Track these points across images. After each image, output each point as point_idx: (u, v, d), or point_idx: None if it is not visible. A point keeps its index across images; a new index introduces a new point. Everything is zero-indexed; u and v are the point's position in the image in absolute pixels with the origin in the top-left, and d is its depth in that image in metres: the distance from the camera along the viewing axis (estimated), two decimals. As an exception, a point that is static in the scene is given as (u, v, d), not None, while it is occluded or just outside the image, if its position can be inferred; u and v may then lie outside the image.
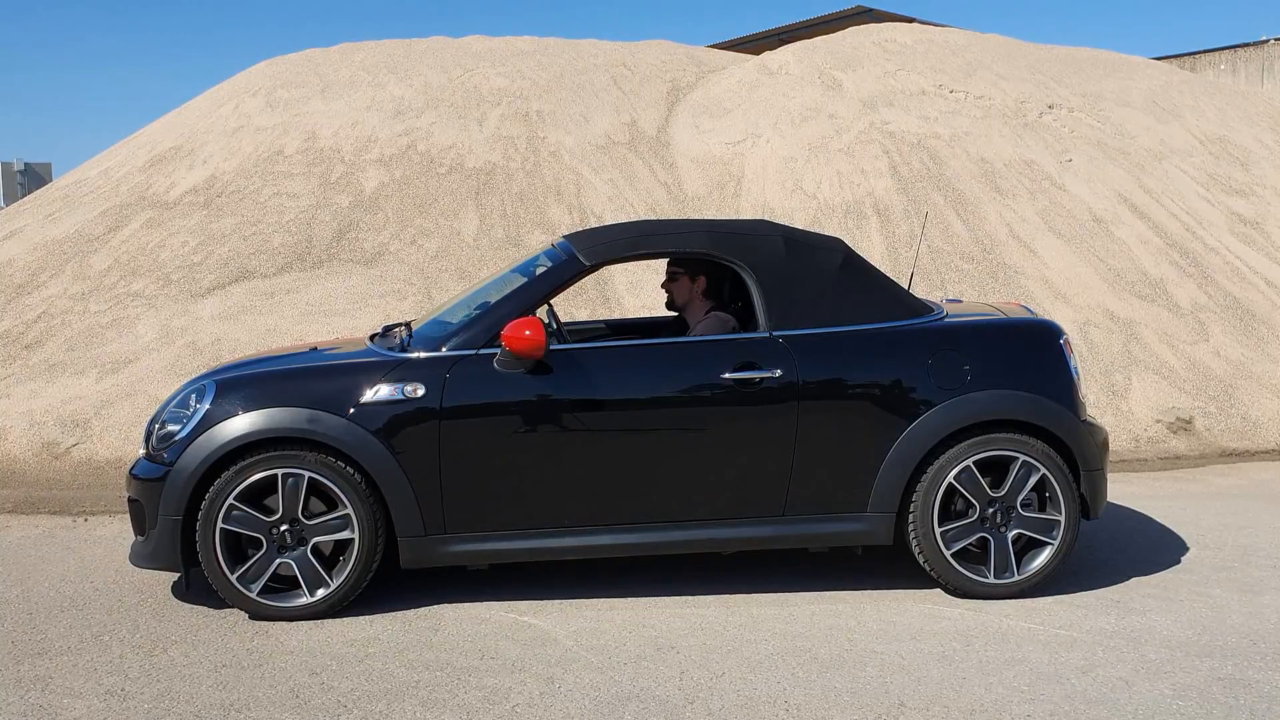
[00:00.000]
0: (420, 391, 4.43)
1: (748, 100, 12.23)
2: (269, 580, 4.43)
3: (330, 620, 4.43)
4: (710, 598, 4.67)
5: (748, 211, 10.44)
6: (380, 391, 4.44)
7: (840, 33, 14.23)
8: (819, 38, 14.04)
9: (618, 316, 8.36)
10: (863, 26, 14.54)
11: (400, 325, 5.27)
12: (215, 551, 4.36)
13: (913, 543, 4.61)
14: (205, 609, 4.59)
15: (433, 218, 10.12)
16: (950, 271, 9.52)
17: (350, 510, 4.40)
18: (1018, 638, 4.18)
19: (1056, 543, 4.61)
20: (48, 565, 5.33)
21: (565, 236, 5.00)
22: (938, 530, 4.57)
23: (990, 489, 4.59)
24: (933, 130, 11.40)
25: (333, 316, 8.70)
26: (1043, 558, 4.62)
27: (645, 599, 4.66)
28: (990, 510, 4.59)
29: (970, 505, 4.60)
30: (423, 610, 4.54)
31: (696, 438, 4.52)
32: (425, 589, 4.78)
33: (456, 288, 8.93)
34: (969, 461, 4.57)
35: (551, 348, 4.51)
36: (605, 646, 4.12)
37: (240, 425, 4.37)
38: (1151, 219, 10.45)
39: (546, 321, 4.91)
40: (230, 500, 4.36)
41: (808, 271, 4.73)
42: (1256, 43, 20.85)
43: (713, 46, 17.31)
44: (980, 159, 11.02)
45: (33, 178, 23.23)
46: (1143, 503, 6.39)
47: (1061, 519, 4.60)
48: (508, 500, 4.49)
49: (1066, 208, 10.44)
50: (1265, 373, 8.68)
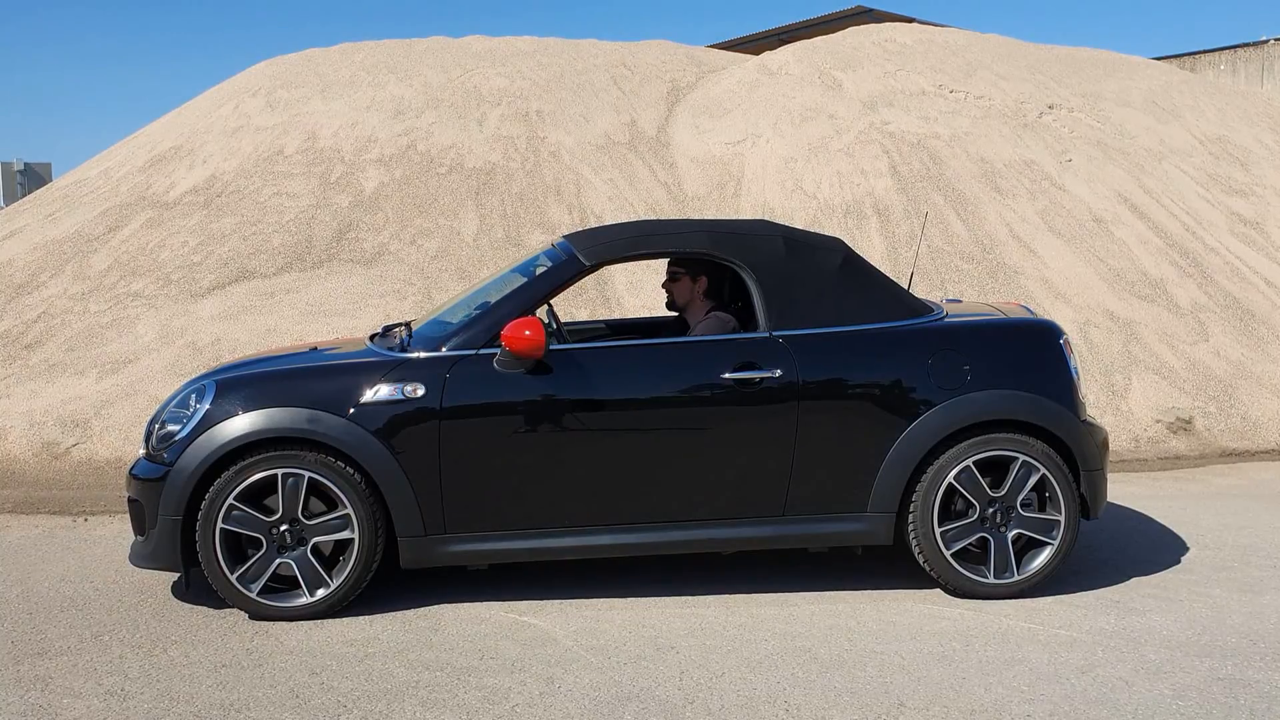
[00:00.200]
0: (420, 391, 4.43)
1: (748, 100, 12.22)
2: (269, 580, 4.43)
3: (330, 620, 4.43)
4: (710, 598, 4.67)
5: (748, 211, 10.44)
6: (380, 391, 4.44)
7: (840, 33, 14.23)
8: (819, 38, 14.04)
9: (618, 316, 8.36)
10: (863, 26, 14.54)
11: (400, 325, 5.27)
12: (215, 551, 4.36)
13: (913, 543, 4.61)
14: (205, 609, 4.59)
15: (433, 218, 10.12)
16: (950, 271, 9.52)
17: (350, 510, 4.40)
18: (1018, 638, 4.18)
19: (1056, 543, 4.61)
20: (48, 565, 5.33)
21: (565, 236, 5.00)
22: (938, 530, 4.57)
23: (990, 489, 4.59)
24: (933, 130, 11.40)
25: (333, 316, 8.70)
26: (1043, 558, 4.62)
27: (645, 599, 4.66)
28: (990, 510, 4.59)
29: (970, 505, 4.60)
30: (423, 610, 4.54)
31: (696, 438, 4.52)
32: (425, 589, 4.78)
33: (456, 288, 8.93)
34: (969, 461, 4.57)
35: (551, 348, 4.51)
36: (605, 646, 4.12)
37: (240, 425, 4.38)
38: (1151, 219, 10.45)
39: (546, 321, 4.91)
40: (230, 500, 4.36)
41: (808, 271, 4.73)
42: (1256, 43, 20.84)
43: (713, 46, 17.31)
44: (980, 159, 11.02)
45: (33, 178, 23.22)
46: (1143, 503, 6.39)
47: (1061, 519, 4.60)
48: (508, 500, 4.49)
49: (1066, 208, 10.44)
50: (1265, 373, 8.68)
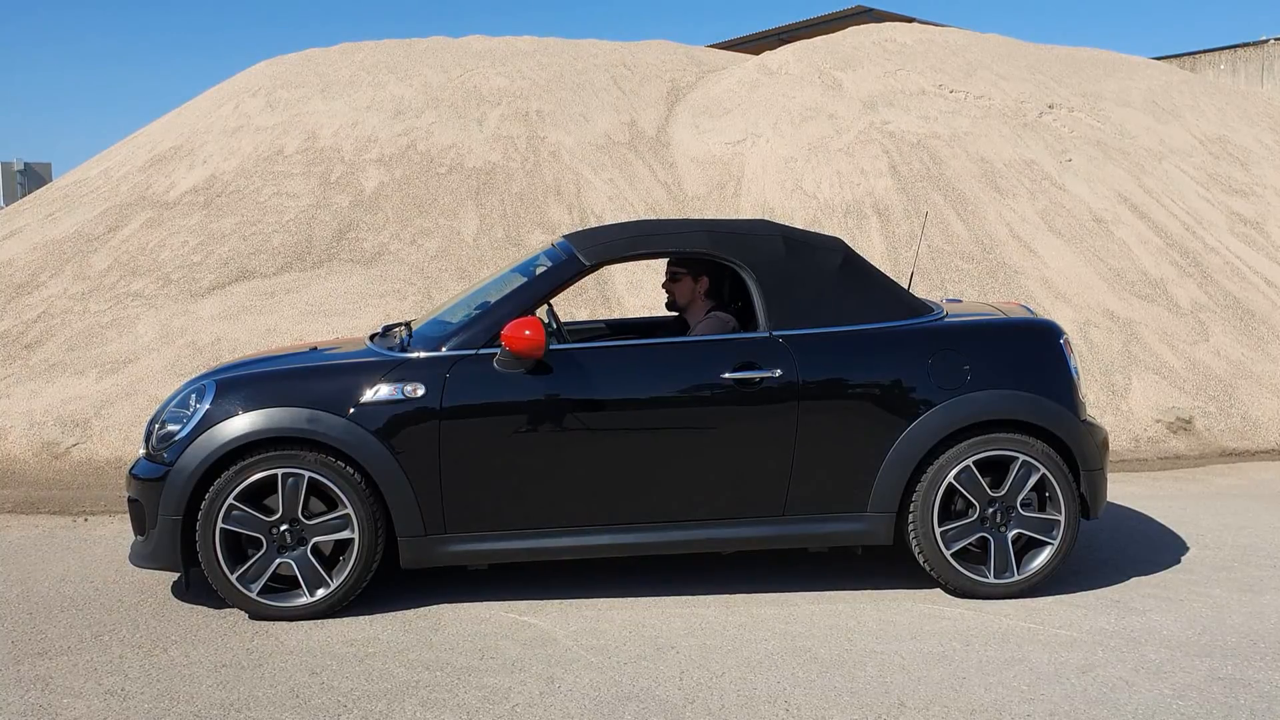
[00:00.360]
0: (420, 391, 4.43)
1: (748, 100, 12.22)
2: (269, 580, 4.43)
3: (330, 620, 4.43)
4: (710, 598, 4.67)
5: (748, 211, 10.44)
6: (380, 391, 4.44)
7: (840, 33, 14.23)
8: (819, 38, 14.04)
9: (618, 316, 8.36)
10: (863, 26, 14.54)
11: (400, 325, 5.27)
12: (215, 551, 4.36)
13: (913, 542, 4.61)
14: (205, 609, 4.59)
15: (433, 218, 10.12)
16: (950, 271, 9.52)
17: (350, 510, 4.40)
18: (1018, 638, 4.18)
19: (1056, 543, 4.61)
20: (48, 565, 5.33)
21: (565, 236, 5.00)
22: (938, 530, 4.57)
23: (990, 489, 4.59)
24: (933, 130, 11.40)
25: (333, 316, 8.70)
26: (1043, 558, 4.62)
27: (645, 599, 4.66)
28: (990, 510, 4.59)
29: (970, 505, 4.60)
30: (423, 610, 4.54)
31: (696, 438, 4.52)
32: (425, 589, 4.78)
33: (456, 288, 8.93)
34: (969, 461, 4.57)
35: (551, 348, 4.51)
36: (605, 646, 4.12)
37: (240, 425, 4.38)
38: (1151, 219, 10.46)
39: (546, 321, 4.91)
40: (230, 500, 4.36)
41: (808, 271, 4.73)
42: (1256, 43, 20.84)
43: (713, 46, 17.31)
44: (980, 159, 11.02)
45: (33, 178, 23.21)
46: (1143, 503, 6.39)
47: (1061, 519, 4.60)
48: (508, 500, 4.49)
49: (1066, 208, 10.44)
50: (1265, 372, 8.68)
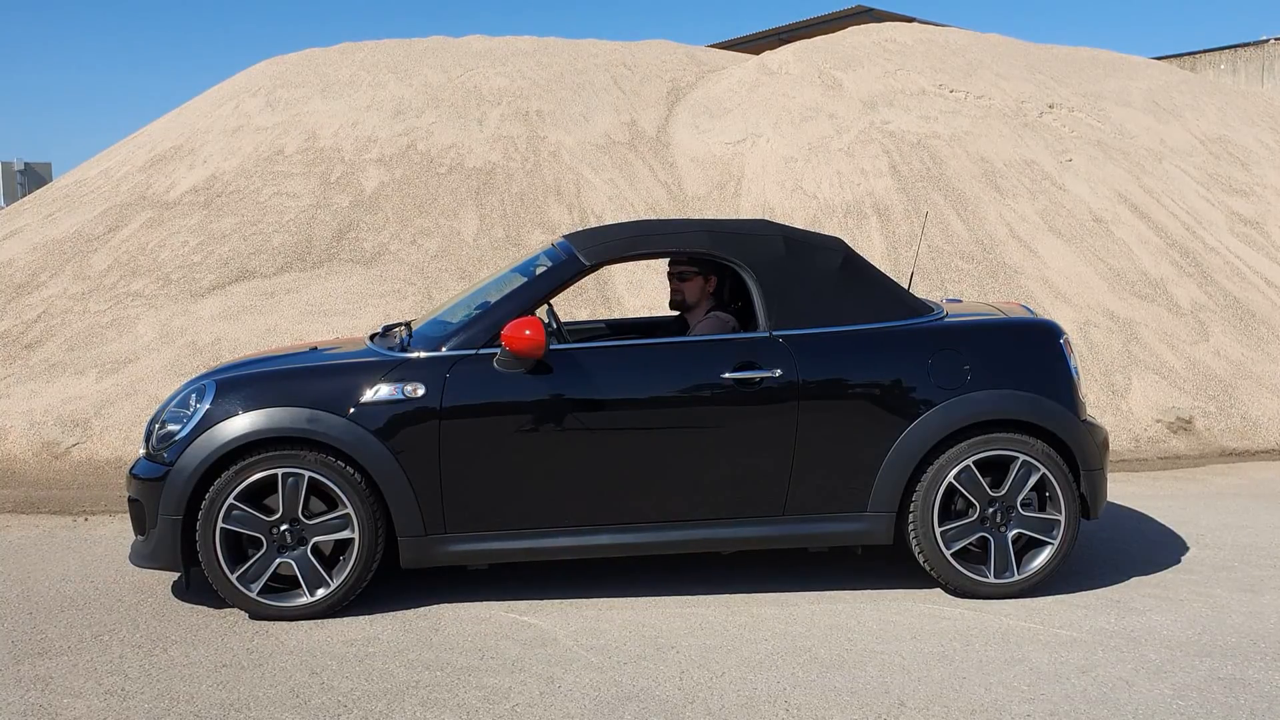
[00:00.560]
0: (420, 391, 4.43)
1: (748, 100, 12.22)
2: (269, 580, 4.43)
3: (330, 620, 4.43)
4: (710, 598, 4.67)
5: (748, 211, 10.44)
6: (380, 391, 4.44)
7: (840, 32, 14.23)
8: (819, 37, 14.03)
9: (618, 316, 8.36)
10: (863, 26, 14.54)
11: (400, 325, 5.27)
12: (215, 551, 4.36)
13: (913, 542, 4.61)
14: (205, 609, 4.59)
15: (433, 218, 10.12)
16: (950, 271, 9.52)
17: (350, 510, 4.40)
18: (1018, 638, 4.18)
19: (1056, 542, 4.61)
20: (48, 565, 5.33)
21: (565, 236, 5.00)
22: (938, 530, 4.57)
23: (990, 489, 4.59)
24: (933, 130, 11.40)
25: (333, 316, 8.70)
26: (1043, 557, 4.62)
27: (645, 599, 4.66)
28: (990, 510, 4.59)
29: (970, 505, 4.60)
30: (423, 610, 4.54)
31: (696, 437, 4.52)
32: (425, 589, 4.78)
33: (456, 288, 8.93)
34: (969, 461, 4.57)
35: (551, 347, 4.51)
36: (605, 646, 4.12)
37: (240, 425, 4.38)
38: (1151, 219, 10.46)
39: (546, 321, 4.91)
40: (230, 500, 4.36)
41: (808, 271, 4.73)
42: (1256, 43, 20.85)
43: (713, 46, 17.30)
44: (980, 159, 11.02)
45: (33, 178, 23.21)
46: (1143, 503, 6.39)
47: (1061, 519, 4.60)
48: (507, 500, 4.49)
49: (1066, 207, 10.44)
50: (1265, 372, 8.68)
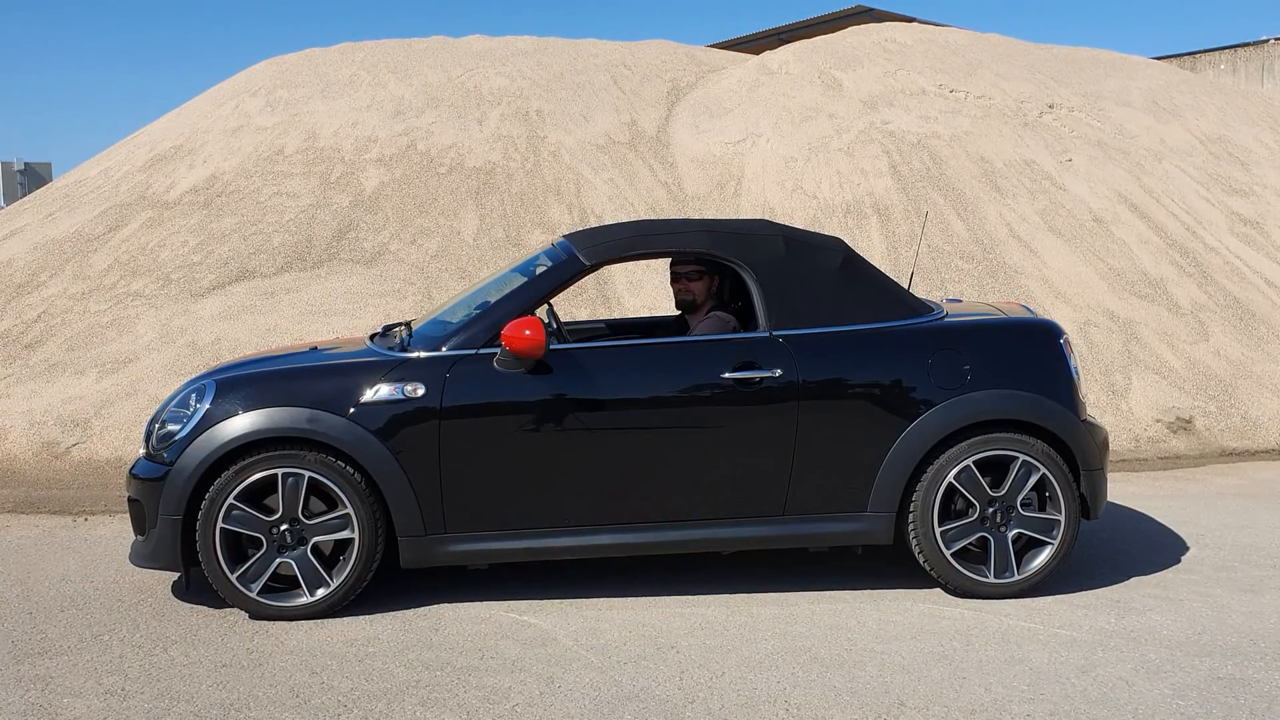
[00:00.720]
0: (420, 391, 4.43)
1: (748, 100, 12.22)
2: (269, 580, 4.43)
3: (330, 620, 4.43)
4: (710, 598, 4.67)
5: (748, 211, 10.44)
6: (380, 391, 4.44)
7: (840, 32, 14.23)
8: (819, 37, 14.03)
9: (618, 316, 8.36)
10: (863, 26, 14.54)
11: (400, 325, 5.27)
12: (215, 551, 4.36)
13: (913, 542, 4.61)
14: (205, 609, 4.59)
15: (433, 217, 10.12)
16: (950, 271, 9.52)
17: (350, 510, 4.40)
18: (1018, 637, 4.18)
19: (1056, 542, 4.61)
20: (48, 565, 5.33)
21: (565, 236, 5.00)
22: (938, 530, 4.57)
23: (990, 489, 4.60)
24: (933, 130, 11.40)
25: (333, 316, 8.70)
26: (1043, 557, 4.62)
27: (645, 599, 4.66)
28: (990, 510, 4.59)
29: (970, 505, 4.60)
30: (423, 610, 4.54)
31: (696, 437, 4.52)
32: (425, 589, 4.78)
33: (456, 288, 8.93)
34: (969, 461, 4.57)
35: (551, 347, 4.51)
36: (605, 646, 4.12)
37: (240, 425, 4.38)
38: (1151, 219, 10.45)
39: (546, 321, 4.91)
40: (230, 500, 4.36)
41: (808, 271, 4.73)
42: (1256, 43, 20.85)
43: (713, 46, 17.30)
44: (980, 159, 11.02)
45: (33, 178, 23.21)
46: (1143, 503, 6.39)
47: (1061, 519, 4.60)
48: (508, 500, 4.49)
49: (1066, 207, 10.44)
50: (1265, 372, 8.68)
